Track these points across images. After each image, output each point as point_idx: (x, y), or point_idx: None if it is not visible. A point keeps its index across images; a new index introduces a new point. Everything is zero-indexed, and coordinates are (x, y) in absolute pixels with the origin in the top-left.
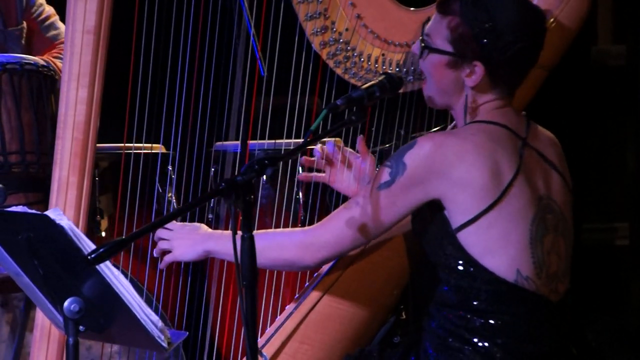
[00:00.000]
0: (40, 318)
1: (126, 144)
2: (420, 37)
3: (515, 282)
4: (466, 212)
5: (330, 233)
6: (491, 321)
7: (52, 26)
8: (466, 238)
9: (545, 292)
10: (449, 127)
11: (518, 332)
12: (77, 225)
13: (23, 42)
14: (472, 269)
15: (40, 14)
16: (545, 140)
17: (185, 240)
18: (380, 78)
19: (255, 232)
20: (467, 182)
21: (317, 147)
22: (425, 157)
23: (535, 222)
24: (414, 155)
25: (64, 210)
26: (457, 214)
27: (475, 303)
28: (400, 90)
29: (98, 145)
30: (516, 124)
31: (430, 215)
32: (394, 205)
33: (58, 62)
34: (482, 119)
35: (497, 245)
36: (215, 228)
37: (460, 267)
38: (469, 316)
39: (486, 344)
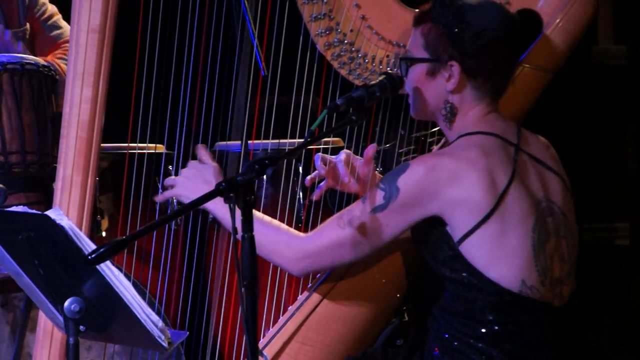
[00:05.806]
0: (43, 319)
1: (128, 144)
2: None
3: (520, 292)
4: (465, 226)
5: (316, 245)
6: (496, 330)
7: (55, 25)
8: (468, 250)
9: (549, 298)
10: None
11: (523, 339)
12: (81, 224)
13: (25, 43)
14: (476, 281)
15: (43, 13)
16: (537, 144)
17: (190, 184)
18: (380, 78)
19: (264, 217)
20: (463, 199)
21: (317, 156)
22: (417, 182)
23: (537, 228)
24: (407, 179)
25: (68, 209)
26: (456, 228)
27: (479, 314)
28: (406, 93)
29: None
30: (505, 130)
31: (430, 228)
32: (388, 226)
33: (62, 64)
34: (471, 130)
35: (500, 256)
36: (216, 228)
37: (464, 279)
38: (474, 325)
39: (492, 351)
